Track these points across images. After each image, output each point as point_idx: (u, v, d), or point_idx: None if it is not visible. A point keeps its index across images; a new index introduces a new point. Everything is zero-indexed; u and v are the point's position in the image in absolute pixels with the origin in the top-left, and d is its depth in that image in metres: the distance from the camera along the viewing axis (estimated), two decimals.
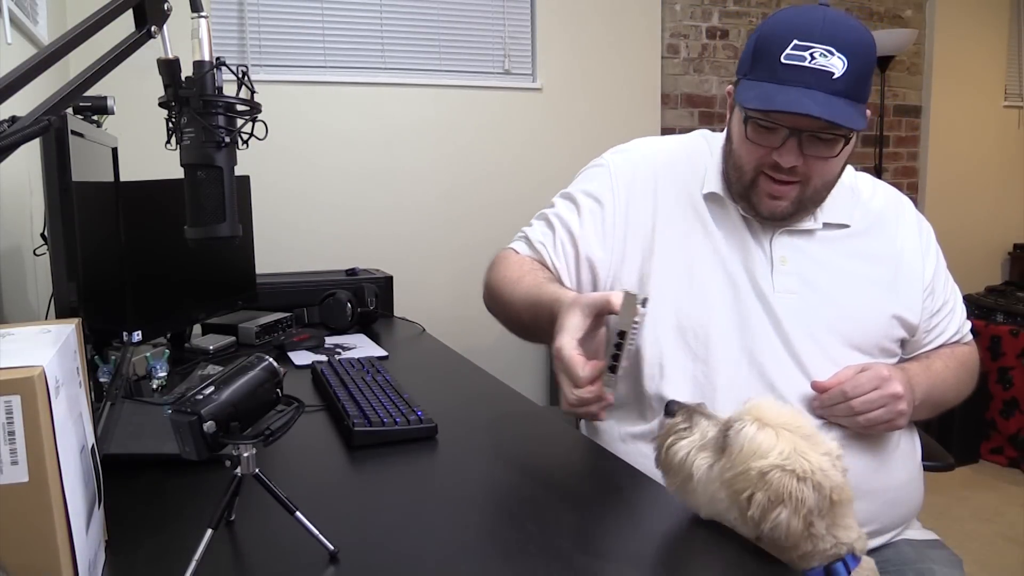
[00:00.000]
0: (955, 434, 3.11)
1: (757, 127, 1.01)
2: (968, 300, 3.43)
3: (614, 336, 0.87)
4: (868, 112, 1.01)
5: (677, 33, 3.13)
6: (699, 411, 0.86)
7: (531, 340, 1.18)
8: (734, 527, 0.79)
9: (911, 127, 3.70)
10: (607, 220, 1.16)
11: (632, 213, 1.15)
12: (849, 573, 0.77)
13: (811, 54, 0.95)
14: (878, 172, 3.48)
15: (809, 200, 1.05)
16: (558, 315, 0.96)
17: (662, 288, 1.10)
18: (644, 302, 0.90)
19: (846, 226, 1.11)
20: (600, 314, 0.93)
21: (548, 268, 1.19)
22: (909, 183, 3.72)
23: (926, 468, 1.21)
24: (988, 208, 3.89)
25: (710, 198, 1.12)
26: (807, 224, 1.10)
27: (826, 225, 1.11)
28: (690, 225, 1.12)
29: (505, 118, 2.87)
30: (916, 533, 1.13)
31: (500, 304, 1.19)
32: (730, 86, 1.07)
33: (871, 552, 1.07)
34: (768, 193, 1.04)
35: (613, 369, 0.87)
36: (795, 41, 0.96)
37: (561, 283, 1.16)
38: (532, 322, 1.10)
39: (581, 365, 0.89)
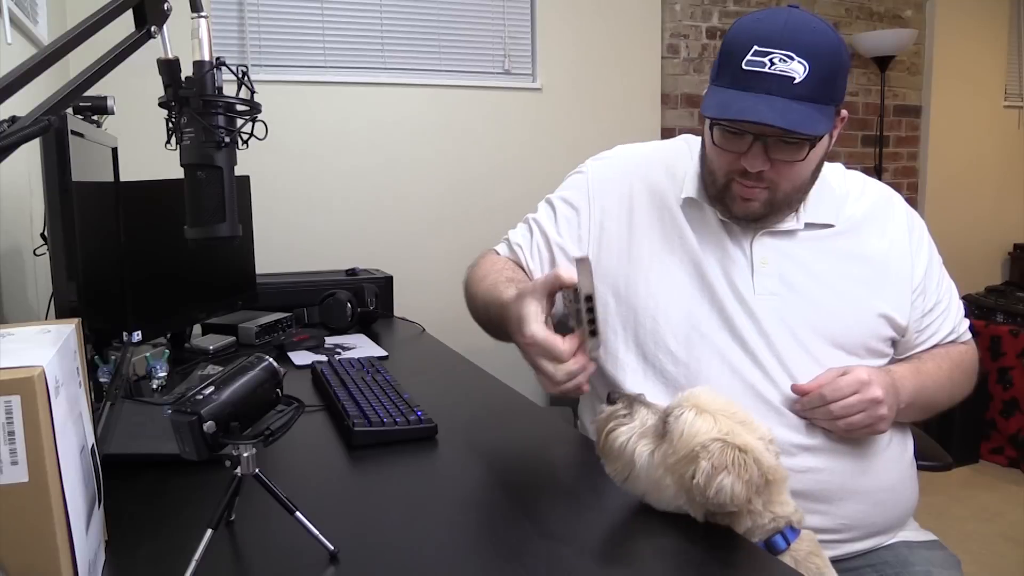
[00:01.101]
0: (955, 434, 3.11)
1: (723, 132, 1.02)
2: (968, 300, 3.44)
3: (583, 302, 0.87)
4: (844, 112, 1.02)
5: (677, 33, 3.13)
6: (639, 400, 0.89)
7: (493, 336, 1.19)
8: (683, 511, 0.82)
9: (911, 127, 3.70)
10: (582, 226, 1.19)
11: (607, 220, 1.17)
12: (788, 544, 0.80)
13: (771, 60, 0.95)
14: (878, 172, 3.48)
15: (781, 202, 1.06)
16: (508, 315, 0.96)
17: (640, 294, 1.12)
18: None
19: (830, 226, 1.11)
20: (553, 292, 0.93)
21: (524, 269, 1.22)
22: (909, 183, 3.72)
23: (924, 468, 1.21)
24: (988, 208, 3.89)
25: (688, 203, 1.13)
26: (788, 225, 1.10)
27: (808, 225, 1.10)
28: (666, 231, 1.13)
29: (505, 118, 2.86)
30: (913, 534, 1.13)
31: (468, 300, 1.24)
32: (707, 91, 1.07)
33: (868, 554, 1.08)
34: (740, 196, 1.05)
35: (594, 333, 0.87)
36: (755, 47, 0.96)
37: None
38: (487, 320, 1.16)
39: (561, 341, 0.89)
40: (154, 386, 1.34)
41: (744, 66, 0.96)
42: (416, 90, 2.74)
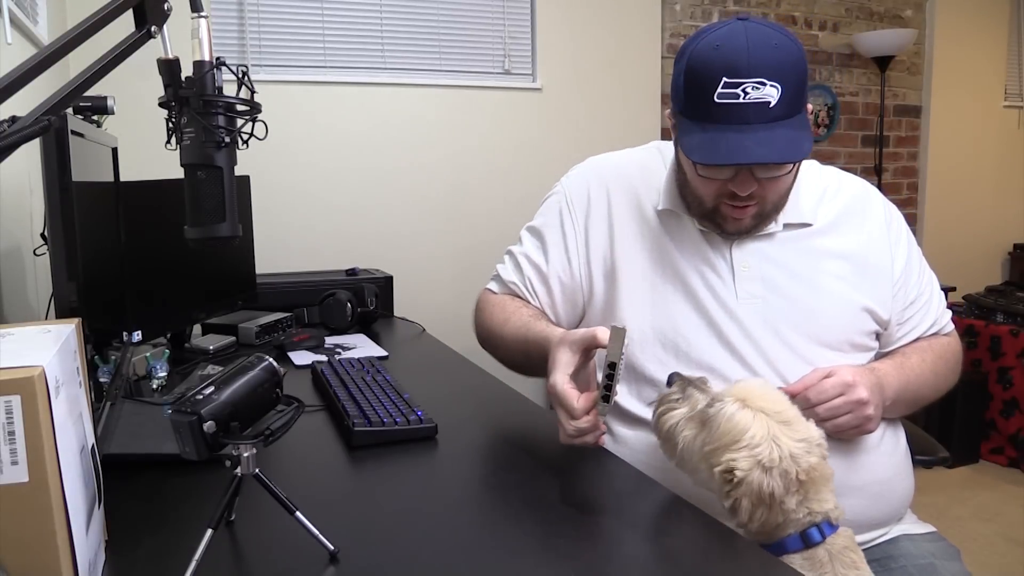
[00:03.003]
0: (955, 434, 3.11)
1: (707, 164, 1.01)
2: (968, 300, 3.44)
3: (605, 367, 0.90)
4: (810, 107, 1.02)
5: (677, 33, 3.14)
6: (695, 384, 0.92)
7: (527, 375, 1.21)
8: (714, 493, 0.85)
9: (911, 127, 3.70)
10: (570, 248, 1.19)
11: (591, 235, 1.18)
12: (824, 538, 0.81)
13: (743, 90, 0.94)
14: (878, 172, 3.48)
15: (770, 212, 1.07)
16: (549, 353, 0.99)
17: (625, 309, 1.12)
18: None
19: (808, 225, 1.12)
20: (588, 348, 0.96)
21: (528, 302, 1.23)
22: (909, 183, 3.72)
23: (920, 462, 1.21)
24: (988, 208, 3.89)
25: (665, 214, 1.14)
26: (767, 228, 1.10)
27: (787, 226, 1.11)
28: (646, 244, 1.14)
29: (505, 118, 2.86)
30: (913, 527, 1.14)
31: (493, 346, 1.25)
32: (669, 111, 1.07)
33: (871, 547, 1.08)
34: (730, 216, 1.06)
35: (607, 399, 0.91)
36: (724, 79, 0.94)
37: (546, 316, 1.21)
38: (525, 360, 1.15)
39: (576, 398, 0.92)
40: (154, 386, 1.34)
41: (717, 99, 0.95)
42: (416, 90, 2.74)
